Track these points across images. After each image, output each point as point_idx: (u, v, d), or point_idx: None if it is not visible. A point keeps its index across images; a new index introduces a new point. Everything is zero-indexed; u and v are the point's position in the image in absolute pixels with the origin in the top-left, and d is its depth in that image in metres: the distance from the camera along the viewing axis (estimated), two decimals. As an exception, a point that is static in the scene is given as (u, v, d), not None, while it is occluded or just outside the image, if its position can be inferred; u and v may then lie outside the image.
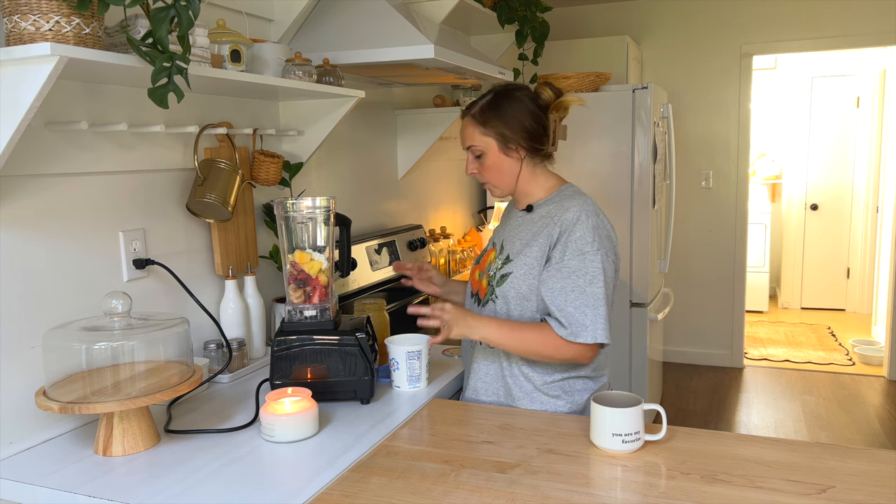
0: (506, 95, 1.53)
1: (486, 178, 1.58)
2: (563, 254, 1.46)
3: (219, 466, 1.22)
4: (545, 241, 1.49)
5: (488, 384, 1.59)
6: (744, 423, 3.78)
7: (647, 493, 1.11)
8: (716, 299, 4.69)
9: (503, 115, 1.52)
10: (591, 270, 1.43)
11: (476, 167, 1.57)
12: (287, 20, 2.03)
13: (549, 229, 1.50)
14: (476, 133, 1.54)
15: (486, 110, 1.53)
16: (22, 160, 1.32)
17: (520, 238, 1.56)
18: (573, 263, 1.44)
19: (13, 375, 1.33)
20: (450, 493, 1.12)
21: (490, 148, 1.54)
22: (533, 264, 1.50)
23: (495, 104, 1.53)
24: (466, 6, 2.61)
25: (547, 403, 1.53)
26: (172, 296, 1.69)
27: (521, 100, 1.53)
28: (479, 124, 1.53)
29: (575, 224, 1.46)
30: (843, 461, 1.21)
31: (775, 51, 4.39)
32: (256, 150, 1.91)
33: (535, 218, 1.55)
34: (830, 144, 6.04)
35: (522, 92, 1.54)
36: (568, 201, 1.52)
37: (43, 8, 1.10)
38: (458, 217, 3.63)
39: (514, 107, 1.52)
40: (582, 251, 1.44)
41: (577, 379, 1.55)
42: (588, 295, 1.42)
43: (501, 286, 1.54)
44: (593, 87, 3.38)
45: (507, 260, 1.56)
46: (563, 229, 1.47)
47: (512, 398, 1.56)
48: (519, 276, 1.51)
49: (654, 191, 3.37)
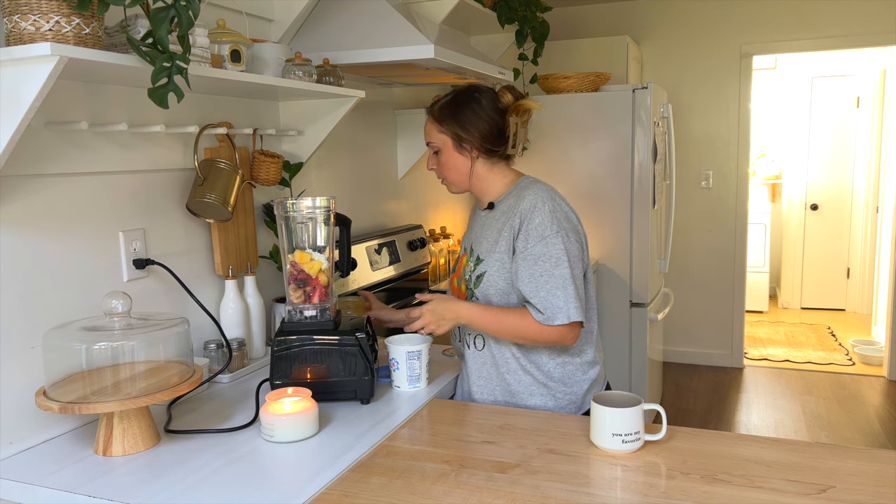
0: (465, 96, 1.59)
1: (442, 174, 1.65)
2: (527, 242, 1.50)
3: (219, 466, 1.22)
4: (509, 234, 1.53)
5: (483, 387, 1.60)
6: (744, 423, 3.78)
7: (647, 493, 1.11)
8: (716, 299, 4.69)
9: (459, 116, 1.58)
10: (555, 254, 1.47)
11: (434, 162, 1.65)
12: (287, 20, 2.03)
13: (510, 222, 1.54)
14: (434, 130, 1.61)
15: (444, 109, 1.60)
16: (22, 160, 1.32)
17: (486, 237, 1.60)
18: (536, 249, 1.48)
19: (13, 375, 1.33)
20: (450, 493, 1.12)
21: (445, 146, 1.61)
22: (503, 259, 1.54)
23: (453, 104, 1.59)
24: (466, 6, 2.61)
25: (547, 396, 1.56)
26: (172, 296, 1.69)
27: (479, 101, 1.58)
28: (436, 122, 1.61)
29: (532, 211, 1.50)
30: (843, 461, 1.21)
31: (775, 51, 4.39)
32: (256, 150, 1.91)
33: (497, 214, 1.60)
34: (830, 144, 6.04)
35: (483, 94, 1.59)
36: (524, 191, 1.56)
37: (43, 8, 1.10)
38: (458, 217, 3.63)
39: (471, 108, 1.57)
40: (543, 236, 1.48)
41: (574, 369, 1.58)
42: (556, 277, 1.46)
43: (479, 287, 1.58)
44: (593, 87, 3.38)
45: (478, 260, 1.60)
46: (522, 218, 1.51)
47: (512, 394, 1.57)
48: (493, 272, 1.55)
49: (654, 191, 3.37)
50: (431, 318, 1.55)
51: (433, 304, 1.56)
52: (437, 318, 1.54)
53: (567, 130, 3.39)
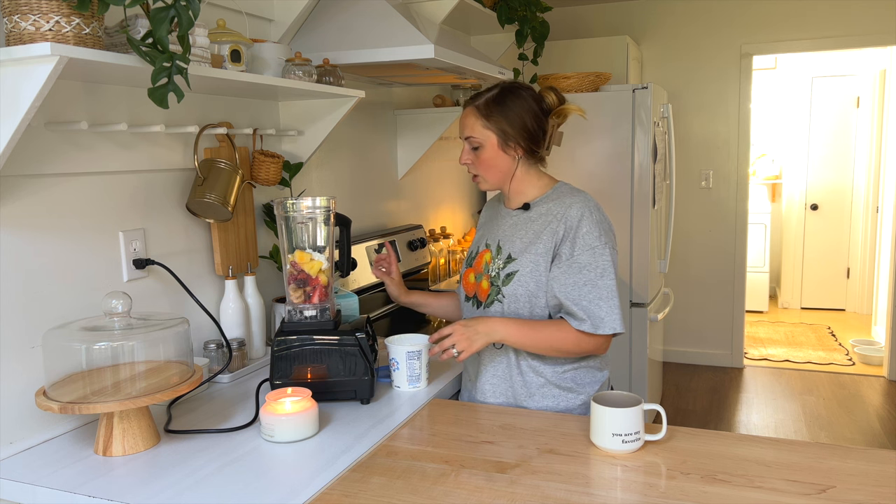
0: (512, 92, 1.54)
1: (478, 170, 1.58)
2: (573, 250, 1.48)
3: (219, 466, 1.22)
4: (550, 239, 1.51)
5: (496, 385, 1.59)
6: (744, 423, 3.78)
7: (647, 493, 1.11)
8: (716, 299, 4.69)
9: (507, 112, 1.52)
10: (602, 264, 1.47)
11: (471, 158, 1.58)
12: (287, 20, 2.03)
13: (552, 227, 1.51)
14: (477, 125, 1.54)
15: (491, 104, 1.53)
16: (22, 160, 1.32)
17: (520, 237, 1.56)
18: (583, 258, 1.47)
19: (13, 375, 1.33)
20: (450, 492, 1.12)
21: (489, 142, 1.54)
22: (539, 262, 1.51)
23: (501, 100, 1.53)
24: (466, 6, 2.61)
25: (560, 397, 1.55)
26: (172, 296, 1.69)
27: (525, 99, 1.53)
28: (482, 117, 1.54)
29: (580, 220, 1.49)
30: (843, 461, 1.21)
31: (775, 51, 4.39)
32: (256, 150, 1.91)
33: (534, 216, 1.56)
34: (830, 144, 6.04)
35: (527, 92, 1.55)
36: (568, 198, 1.54)
37: (43, 8, 1.10)
38: (458, 217, 3.63)
39: (519, 105, 1.53)
40: (591, 246, 1.47)
41: (587, 370, 1.58)
42: (601, 288, 1.46)
43: (508, 285, 1.54)
44: (593, 87, 3.38)
45: (509, 259, 1.56)
46: (568, 226, 1.49)
47: (526, 393, 1.56)
48: (525, 273, 1.52)
49: (654, 191, 3.37)
50: (463, 335, 1.46)
51: (466, 320, 1.50)
52: (471, 333, 1.47)
53: (567, 130, 3.37)
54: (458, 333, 1.47)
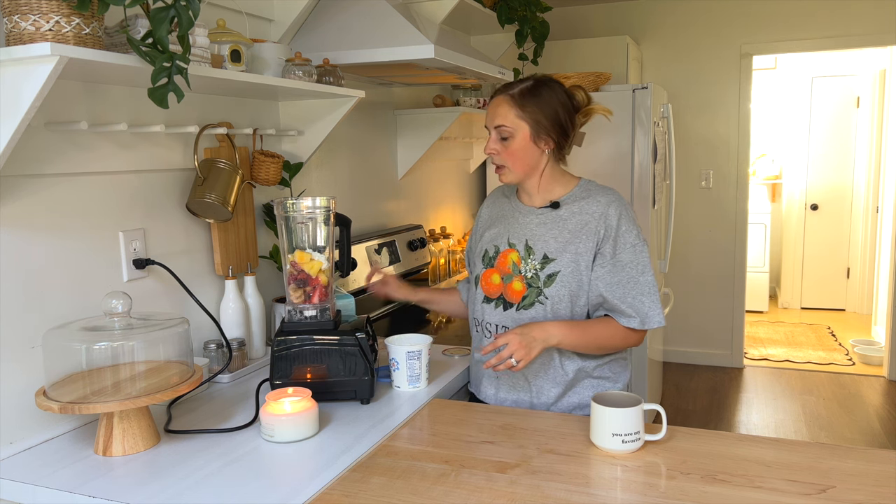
0: (546, 85, 1.54)
1: (505, 161, 1.55)
2: (615, 249, 1.51)
3: (219, 466, 1.22)
4: (590, 238, 1.51)
5: (552, 387, 1.58)
6: (744, 423, 3.78)
7: (647, 493, 1.11)
8: (716, 299, 4.69)
9: (542, 104, 1.51)
10: (642, 261, 1.51)
11: (499, 147, 1.55)
12: (287, 20, 2.03)
13: (591, 226, 1.52)
14: (511, 114, 1.52)
15: (527, 94, 1.52)
16: (22, 160, 1.32)
17: (553, 237, 1.54)
18: (625, 257, 1.50)
19: (13, 375, 1.33)
20: (450, 492, 1.12)
21: (521, 133, 1.52)
22: (580, 261, 1.51)
23: (536, 91, 1.52)
24: (466, 6, 2.61)
25: (600, 386, 1.60)
26: (172, 296, 1.69)
27: (559, 93, 1.54)
28: (516, 106, 1.52)
29: (619, 219, 1.52)
30: (842, 461, 1.21)
31: (775, 51, 4.39)
32: (256, 150, 1.91)
33: (566, 215, 1.55)
34: (830, 144, 6.04)
35: (560, 87, 1.55)
36: (601, 196, 1.56)
37: (43, 8, 1.10)
38: (458, 217, 3.63)
39: (554, 98, 1.53)
40: (632, 244, 1.51)
41: (619, 361, 1.63)
42: (643, 284, 1.50)
43: (551, 286, 1.52)
44: (593, 87, 3.38)
45: (546, 259, 1.53)
46: (608, 225, 1.51)
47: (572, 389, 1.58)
48: (567, 273, 1.52)
49: (654, 191, 3.37)
50: (520, 343, 1.41)
51: (519, 328, 1.45)
52: (528, 341, 1.42)
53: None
54: (515, 343, 1.41)
